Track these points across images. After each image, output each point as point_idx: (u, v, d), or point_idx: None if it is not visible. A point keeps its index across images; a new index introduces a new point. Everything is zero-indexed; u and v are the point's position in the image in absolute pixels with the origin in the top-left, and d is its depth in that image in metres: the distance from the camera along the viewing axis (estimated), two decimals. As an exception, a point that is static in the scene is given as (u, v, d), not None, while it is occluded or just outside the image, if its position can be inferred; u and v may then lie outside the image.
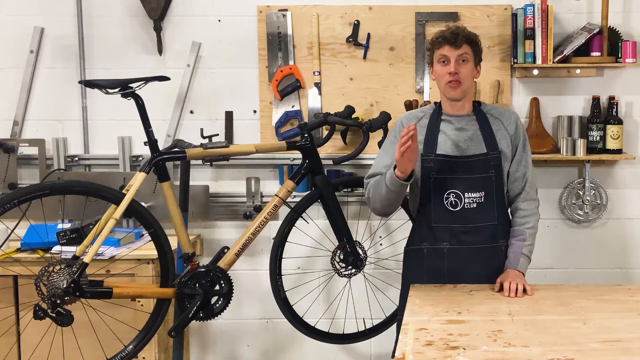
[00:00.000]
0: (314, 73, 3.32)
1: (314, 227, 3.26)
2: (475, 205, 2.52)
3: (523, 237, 2.55)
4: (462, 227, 2.53)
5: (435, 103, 2.64)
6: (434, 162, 2.52)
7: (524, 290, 2.38)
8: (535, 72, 3.24)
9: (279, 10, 3.29)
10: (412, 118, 2.62)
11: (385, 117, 3.05)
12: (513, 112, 2.65)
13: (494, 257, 2.55)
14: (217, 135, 2.88)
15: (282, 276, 2.96)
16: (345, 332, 3.26)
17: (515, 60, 3.22)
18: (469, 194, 2.52)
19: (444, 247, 2.55)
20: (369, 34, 3.29)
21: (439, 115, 2.59)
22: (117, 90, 2.62)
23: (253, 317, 3.46)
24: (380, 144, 3.00)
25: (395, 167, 2.41)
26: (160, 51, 3.32)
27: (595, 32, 3.15)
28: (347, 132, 3.20)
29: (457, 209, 2.52)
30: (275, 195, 2.90)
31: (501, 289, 2.42)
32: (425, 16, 3.28)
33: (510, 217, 2.65)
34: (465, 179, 2.51)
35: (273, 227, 3.13)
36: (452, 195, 2.52)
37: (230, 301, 2.80)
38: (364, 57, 3.31)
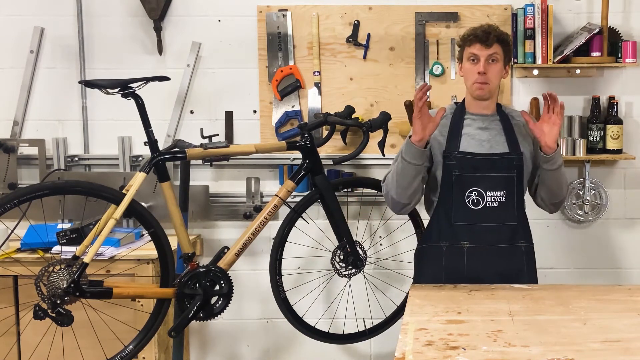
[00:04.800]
0: (314, 73, 3.32)
1: (314, 227, 3.26)
2: (496, 204, 2.51)
3: None
4: (483, 226, 2.52)
5: (456, 103, 2.66)
6: (457, 159, 2.52)
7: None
8: (535, 72, 3.24)
9: (279, 10, 3.29)
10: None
11: (385, 117, 3.04)
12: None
13: (514, 258, 2.55)
14: (217, 135, 2.87)
15: (282, 276, 2.96)
16: (345, 332, 3.26)
17: (515, 60, 3.22)
18: (492, 192, 2.51)
19: (464, 246, 2.54)
20: (369, 34, 3.29)
21: (462, 113, 2.60)
22: (117, 90, 2.61)
23: (253, 317, 3.46)
24: (380, 144, 3.00)
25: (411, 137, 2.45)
26: (160, 51, 3.32)
27: (595, 32, 3.15)
28: (347, 132, 3.20)
29: (479, 207, 2.52)
30: (275, 195, 2.90)
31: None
32: (425, 16, 3.28)
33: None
34: (488, 177, 2.51)
35: (273, 227, 3.13)
36: (474, 194, 2.52)
37: (230, 301, 2.79)
38: (364, 57, 3.31)
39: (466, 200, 2.52)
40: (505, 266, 2.53)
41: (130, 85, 2.62)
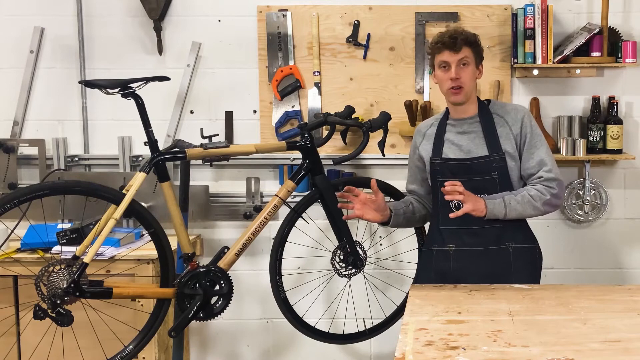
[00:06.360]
0: (314, 73, 3.32)
1: (314, 227, 3.26)
2: None
3: (518, 192, 2.50)
4: (466, 229, 2.54)
5: (447, 108, 2.68)
6: (439, 165, 2.58)
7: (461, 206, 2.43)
8: (536, 72, 3.24)
9: (279, 10, 3.29)
10: (423, 127, 2.72)
11: (385, 117, 3.04)
12: (521, 109, 2.61)
13: (500, 259, 2.55)
14: (217, 135, 2.87)
15: (282, 276, 2.96)
16: (345, 332, 3.25)
17: (515, 60, 3.22)
18: None
19: (450, 249, 2.58)
20: (369, 34, 3.29)
21: (445, 120, 2.64)
22: (117, 90, 2.61)
23: (253, 317, 3.46)
24: (380, 144, 3.00)
25: None
26: (160, 51, 3.32)
27: (595, 32, 3.15)
28: (347, 132, 3.20)
29: None
30: (275, 195, 2.89)
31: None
32: (425, 16, 3.28)
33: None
34: (466, 181, 2.50)
35: (273, 227, 3.13)
36: None
37: (230, 301, 2.79)
38: (364, 57, 3.31)
39: (450, 205, 2.54)
40: (490, 268, 2.54)
41: (130, 85, 2.62)
